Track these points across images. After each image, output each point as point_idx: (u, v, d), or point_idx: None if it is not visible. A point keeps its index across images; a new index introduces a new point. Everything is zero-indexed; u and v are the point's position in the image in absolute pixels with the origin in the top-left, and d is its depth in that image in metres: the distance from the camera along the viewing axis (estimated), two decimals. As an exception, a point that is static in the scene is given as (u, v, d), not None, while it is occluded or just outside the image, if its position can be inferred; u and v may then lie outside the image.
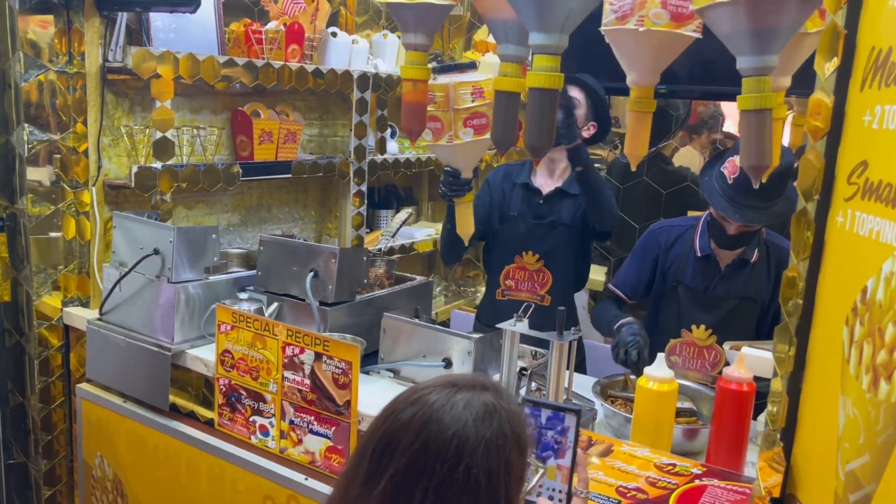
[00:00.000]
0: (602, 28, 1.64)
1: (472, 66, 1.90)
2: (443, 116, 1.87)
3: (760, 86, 1.28)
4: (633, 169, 1.73)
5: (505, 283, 2.64)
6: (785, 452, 1.18)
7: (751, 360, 1.84)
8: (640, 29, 1.55)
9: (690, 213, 3.52)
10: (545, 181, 2.62)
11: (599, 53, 1.75)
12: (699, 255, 2.25)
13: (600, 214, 2.47)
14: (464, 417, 0.97)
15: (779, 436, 1.19)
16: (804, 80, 1.28)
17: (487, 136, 1.92)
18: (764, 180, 1.56)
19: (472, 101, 1.87)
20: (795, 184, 1.17)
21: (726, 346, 2.04)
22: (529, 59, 1.65)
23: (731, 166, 2.10)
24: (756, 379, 1.80)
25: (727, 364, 2.01)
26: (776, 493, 1.22)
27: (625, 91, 1.67)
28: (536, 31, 1.42)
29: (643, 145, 1.67)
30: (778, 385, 1.21)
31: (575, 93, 2.44)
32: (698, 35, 1.52)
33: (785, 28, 1.26)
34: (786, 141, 3.33)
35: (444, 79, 1.86)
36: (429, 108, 1.88)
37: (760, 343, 1.98)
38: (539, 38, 1.43)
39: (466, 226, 2.15)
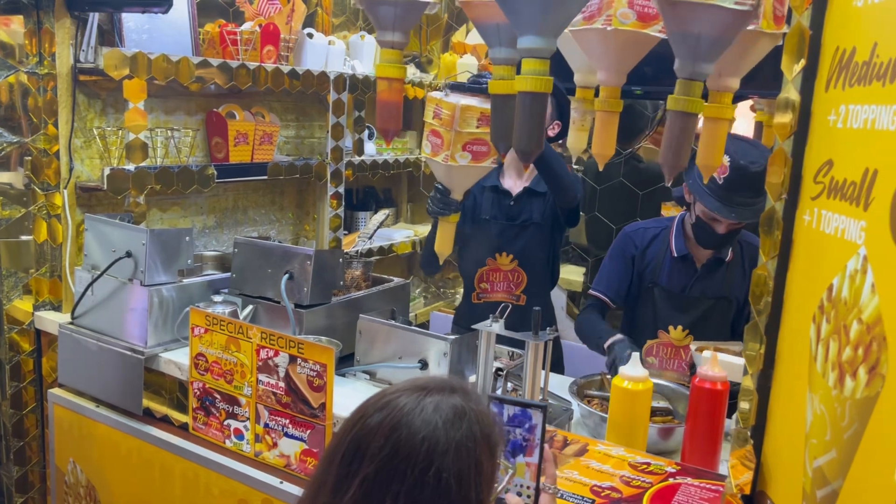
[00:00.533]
0: (569, 28, 1.64)
1: (484, 90, 1.87)
2: (444, 134, 1.87)
3: (690, 90, 1.30)
4: (601, 169, 1.74)
5: (480, 286, 2.65)
6: (755, 450, 1.19)
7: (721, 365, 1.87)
8: (609, 28, 1.56)
9: (664, 208, 3.56)
10: (514, 182, 2.62)
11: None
12: (675, 255, 2.26)
13: (562, 190, 2.43)
14: (433, 421, 0.97)
15: (749, 433, 1.20)
16: (776, 82, 1.29)
17: (486, 163, 1.92)
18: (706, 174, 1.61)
19: (476, 127, 1.87)
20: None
21: (692, 346, 2.06)
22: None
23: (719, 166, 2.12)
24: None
25: (693, 366, 2.03)
26: (747, 491, 1.23)
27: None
28: (532, 35, 1.40)
29: (611, 145, 1.68)
30: (749, 383, 1.22)
31: None
32: (663, 35, 1.54)
33: (717, 38, 1.29)
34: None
35: (454, 98, 1.85)
36: (433, 122, 1.87)
37: (725, 344, 2.00)
38: (533, 41, 1.40)
39: (446, 245, 2.13)
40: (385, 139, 1.77)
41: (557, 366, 2.70)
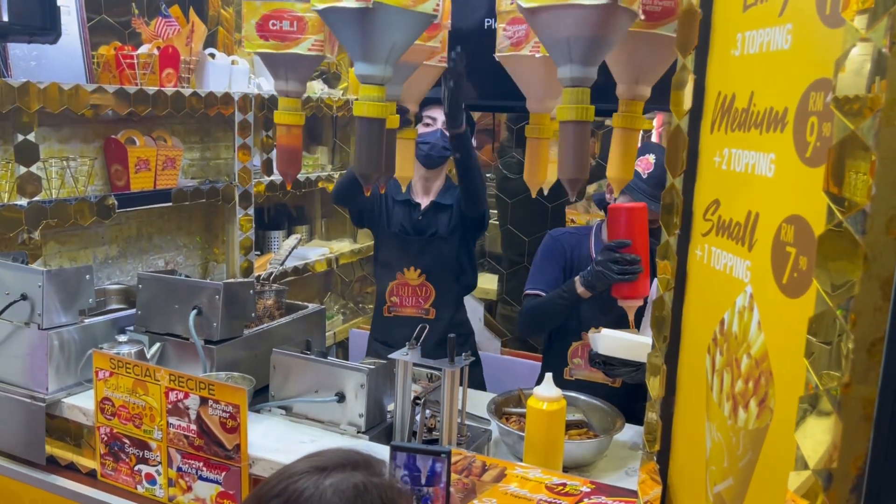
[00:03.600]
0: (497, 54, 1.66)
1: None
2: None
3: (579, 97, 1.34)
4: (534, 196, 1.77)
5: (390, 299, 2.70)
6: (661, 474, 1.23)
7: (609, 342, 1.93)
8: (537, 55, 1.58)
9: (569, 213, 3.68)
10: (422, 197, 2.70)
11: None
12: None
13: (475, 198, 2.53)
14: None
15: (655, 458, 1.25)
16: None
17: (435, 61, 1.80)
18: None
19: None
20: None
21: (589, 333, 2.07)
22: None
23: (643, 164, 2.19)
24: (624, 364, 1.91)
25: (592, 356, 2.04)
26: (657, 510, 1.28)
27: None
28: (362, 62, 1.45)
29: (544, 172, 1.72)
30: (653, 410, 1.27)
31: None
32: None
33: (588, 38, 1.31)
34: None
35: None
36: None
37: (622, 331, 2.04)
38: (364, 68, 1.45)
39: (407, 166, 1.93)
40: (286, 181, 1.77)
41: (478, 383, 2.73)
